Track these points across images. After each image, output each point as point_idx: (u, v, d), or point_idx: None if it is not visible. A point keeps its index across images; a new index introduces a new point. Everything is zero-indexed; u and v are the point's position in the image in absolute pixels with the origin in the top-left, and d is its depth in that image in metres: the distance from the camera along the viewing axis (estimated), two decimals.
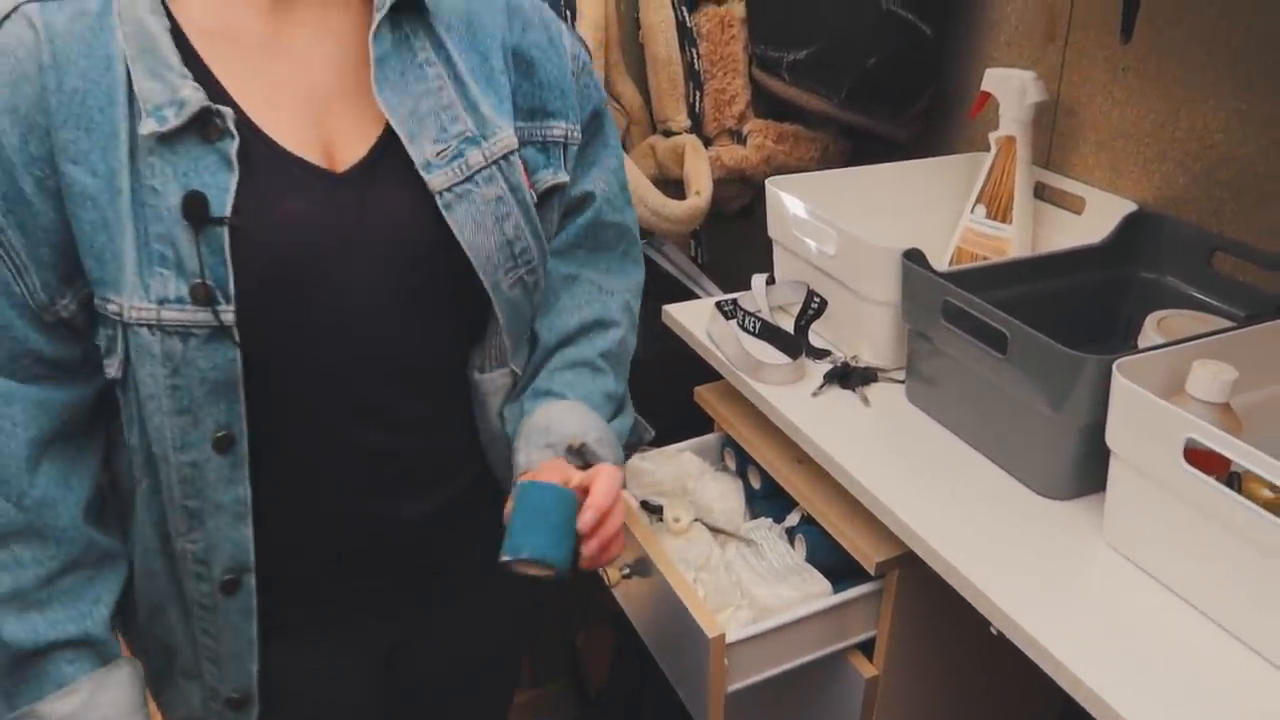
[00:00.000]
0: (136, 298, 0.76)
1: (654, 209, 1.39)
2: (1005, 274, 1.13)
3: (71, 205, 0.76)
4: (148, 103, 0.74)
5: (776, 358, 1.20)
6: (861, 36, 1.38)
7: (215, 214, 0.75)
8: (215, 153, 0.76)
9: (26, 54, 0.74)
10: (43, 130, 0.75)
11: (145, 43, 0.75)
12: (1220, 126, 1.12)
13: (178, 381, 0.78)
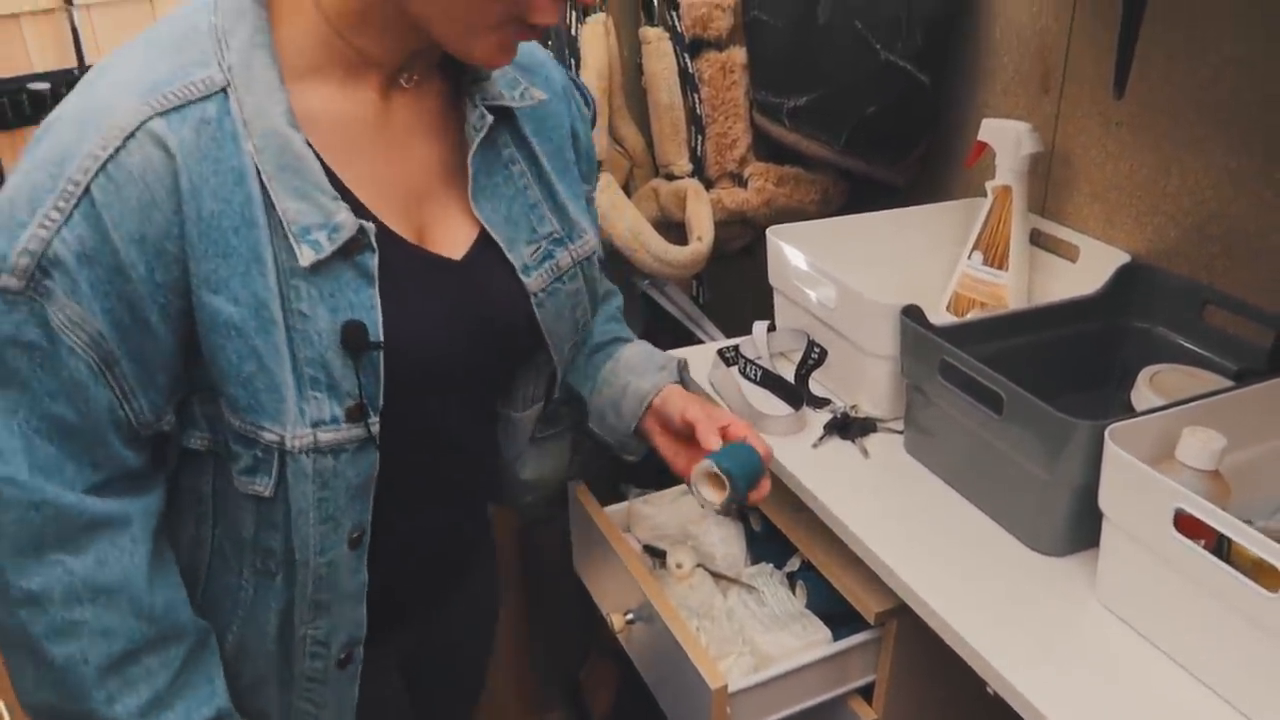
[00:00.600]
0: (298, 426, 0.75)
1: (657, 255, 1.42)
2: (1002, 326, 1.15)
3: (214, 336, 0.73)
4: (294, 225, 0.73)
5: (778, 408, 1.22)
6: (861, 85, 1.41)
7: (374, 340, 0.76)
8: (354, 268, 0.76)
9: (157, 180, 0.70)
10: (172, 257, 0.71)
11: (286, 159, 0.73)
12: (1211, 183, 1.14)
13: (325, 494, 0.79)
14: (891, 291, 1.35)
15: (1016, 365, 1.10)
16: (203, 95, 0.71)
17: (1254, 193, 1.10)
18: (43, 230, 0.68)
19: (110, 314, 0.71)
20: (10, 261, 0.68)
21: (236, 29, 0.73)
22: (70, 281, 0.69)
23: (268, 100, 0.73)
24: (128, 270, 0.70)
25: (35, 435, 0.72)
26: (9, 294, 0.69)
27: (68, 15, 1.53)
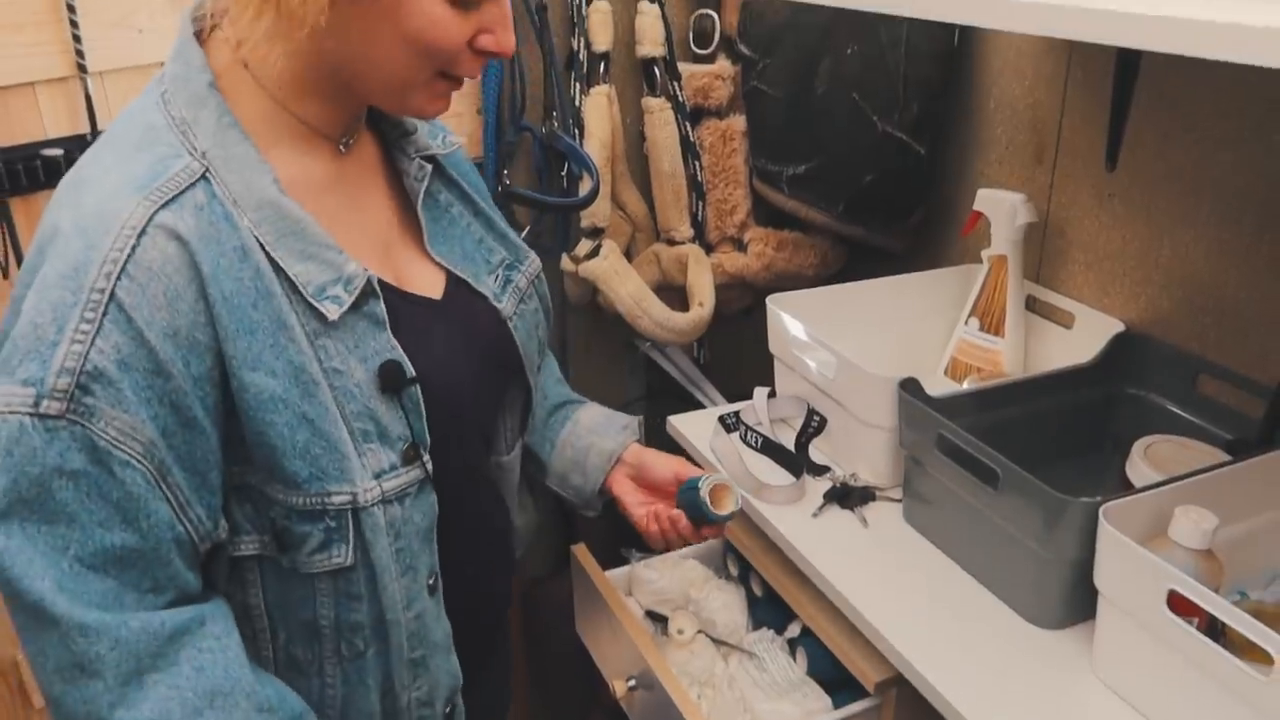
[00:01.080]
0: (365, 480, 0.76)
1: (659, 321, 1.44)
2: (999, 396, 1.17)
3: (261, 414, 0.73)
4: (309, 286, 0.75)
5: (778, 477, 1.23)
6: (858, 154, 1.44)
7: (409, 375, 0.79)
8: (366, 317, 0.78)
9: (176, 270, 0.70)
10: (204, 347, 0.71)
11: (285, 225, 0.75)
12: (1202, 255, 1.17)
13: (401, 544, 0.80)
14: (890, 357, 1.37)
15: (1014, 434, 1.12)
16: (189, 184, 0.72)
17: (1244, 266, 1.12)
18: (76, 345, 0.67)
19: (156, 419, 0.70)
20: (49, 385, 0.66)
21: (200, 117, 0.74)
22: (114, 391, 0.68)
23: (253, 174, 0.74)
24: (168, 368, 0.70)
25: (89, 571, 0.69)
26: (49, 420, 0.66)
27: (81, 83, 1.56)
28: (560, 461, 1.09)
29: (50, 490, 0.67)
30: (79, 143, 1.57)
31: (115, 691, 0.69)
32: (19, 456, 0.66)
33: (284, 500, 0.76)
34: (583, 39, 1.47)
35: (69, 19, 1.52)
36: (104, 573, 0.69)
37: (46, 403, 0.66)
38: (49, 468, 0.67)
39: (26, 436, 0.66)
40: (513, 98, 1.48)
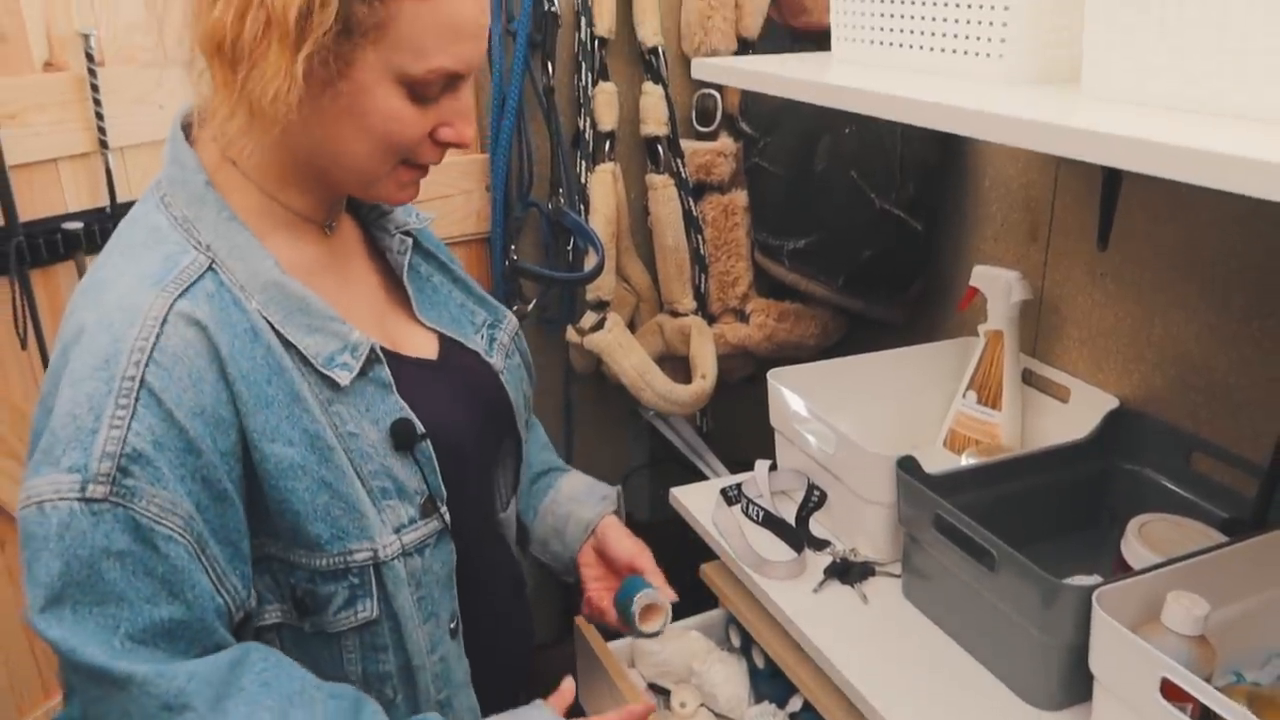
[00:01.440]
0: (385, 535, 0.81)
1: (662, 394, 1.46)
2: (997, 472, 1.19)
3: (283, 482, 0.77)
4: (319, 357, 0.80)
5: (779, 551, 1.25)
6: (857, 230, 1.48)
7: (420, 432, 0.83)
8: (373, 382, 0.83)
9: (198, 353, 0.74)
10: (228, 423, 0.75)
11: (292, 303, 0.80)
12: (1193, 335, 1.19)
13: (422, 593, 0.85)
14: (890, 429, 1.39)
15: (1012, 510, 1.14)
16: (198, 275, 0.77)
17: (1234, 348, 1.15)
18: (115, 430, 0.70)
19: (191, 495, 0.73)
20: (92, 470, 0.70)
21: (201, 214, 0.80)
22: (152, 470, 0.71)
23: (256, 260, 0.79)
24: (198, 445, 0.73)
25: (140, 646, 0.72)
26: (95, 504, 0.70)
27: (103, 158, 1.61)
28: (542, 528, 1.12)
29: (99, 571, 0.70)
30: (98, 216, 1.62)
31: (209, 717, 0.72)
32: (69, 541, 0.70)
33: (307, 564, 0.80)
34: (588, 118, 1.52)
35: (93, 98, 1.57)
36: (154, 646, 0.72)
37: (91, 487, 0.70)
38: (97, 549, 0.70)
39: (75, 521, 0.70)
40: (520, 175, 1.52)
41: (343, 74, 0.75)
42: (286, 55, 0.72)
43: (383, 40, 0.75)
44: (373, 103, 0.77)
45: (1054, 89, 0.88)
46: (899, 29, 1.01)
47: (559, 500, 1.11)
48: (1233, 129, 0.66)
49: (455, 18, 0.77)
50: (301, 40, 0.71)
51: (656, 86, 1.53)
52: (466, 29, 0.78)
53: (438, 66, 0.77)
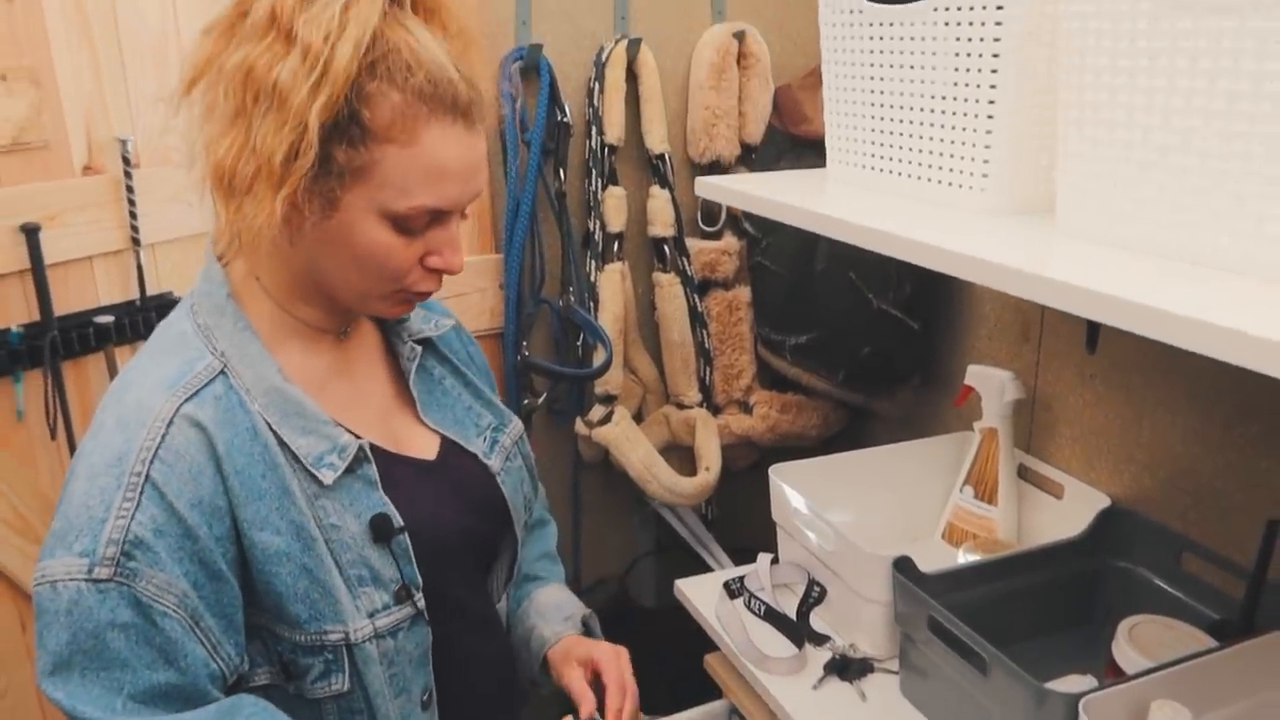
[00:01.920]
0: (357, 620, 0.88)
1: (667, 486, 1.51)
2: (992, 571, 1.23)
3: (269, 567, 0.85)
4: (309, 456, 0.87)
5: (780, 646, 1.28)
6: (856, 328, 1.53)
7: (397, 525, 0.90)
8: (360, 479, 0.90)
9: (198, 451, 0.83)
10: (223, 511, 0.83)
11: (289, 407, 0.88)
12: (1179, 440, 1.24)
13: (394, 671, 0.91)
14: (890, 522, 1.43)
15: (1007, 607, 1.18)
16: (209, 379, 0.86)
17: (1218, 453, 1.19)
18: (120, 520, 0.80)
19: (188, 575, 0.82)
20: (99, 554, 0.79)
21: (220, 323, 0.89)
22: (152, 555, 0.80)
23: (262, 367, 0.89)
24: (195, 531, 0.82)
25: (141, 706, 0.80)
26: (101, 583, 0.79)
27: (134, 254, 1.68)
28: (514, 635, 1.15)
29: (105, 641, 0.79)
30: (128, 309, 1.69)
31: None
32: (77, 615, 0.79)
33: (289, 637, 0.88)
34: (598, 220, 1.59)
35: (128, 199, 1.65)
36: (154, 705, 0.81)
37: (98, 569, 0.79)
38: (102, 622, 0.79)
39: (83, 599, 0.79)
40: (533, 273, 1.59)
41: (330, 209, 0.83)
42: (270, 192, 0.80)
43: (367, 181, 0.83)
44: (360, 235, 0.85)
45: (1033, 222, 0.93)
46: (888, 157, 1.07)
47: (529, 612, 1.14)
48: (1196, 280, 0.72)
49: (438, 161, 0.84)
50: (284, 180, 0.79)
51: (663, 191, 1.61)
52: (449, 171, 0.85)
53: (420, 205, 0.84)
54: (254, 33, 0.79)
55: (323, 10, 0.78)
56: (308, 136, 0.77)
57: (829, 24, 1.12)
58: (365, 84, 0.80)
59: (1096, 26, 0.78)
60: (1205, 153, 0.72)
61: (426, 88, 0.82)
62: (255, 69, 0.78)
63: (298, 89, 0.77)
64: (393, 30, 0.81)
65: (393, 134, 0.81)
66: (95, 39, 1.59)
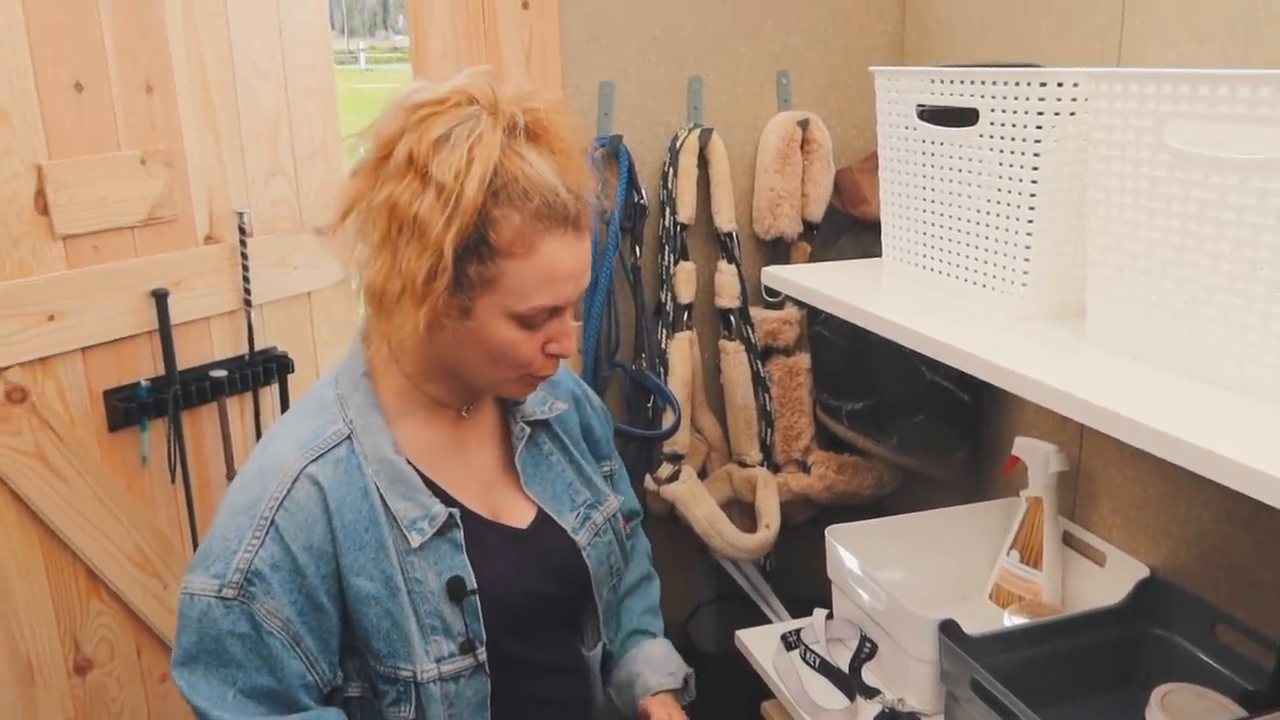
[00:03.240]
0: (425, 663, 1.02)
1: (730, 541, 1.62)
2: (1034, 635, 1.31)
3: (360, 606, 1.00)
4: (404, 519, 1.03)
5: (832, 698, 1.38)
6: (909, 398, 1.63)
7: (470, 588, 1.04)
8: (449, 542, 1.05)
9: (315, 504, 0.99)
10: (329, 556, 0.99)
11: (395, 475, 1.03)
12: (1212, 518, 1.31)
13: (452, 711, 1.04)
14: (940, 582, 1.52)
15: (1049, 669, 1.26)
16: (335, 443, 1.02)
17: (1249, 534, 1.27)
18: (247, 554, 0.98)
19: (295, 604, 0.99)
20: (228, 579, 0.97)
21: (353, 396, 1.05)
22: (267, 585, 0.98)
23: (379, 439, 1.04)
24: (304, 570, 0.99)
25: (246, 699, 0.98)
26: (227, 601, 0.97)
27: (246, 314, 1.85)
28: (618, 676, 1.28)
29: (224, 645, 0.97)
30: (239, 363, 1.85)
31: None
32: (206, 623, 0.98)
33: (373, 665, 1.03)
34: (669, 292, 1.71)
35: (242, 264, 1.82)
36: (256, 701, 0.98)
37: (225, 590, 0.97)
38: (224, 631, 0.97)
39: (211, 610, 0.97)
40: (609, 339, 1.72)
41: (465, 315, 0.98)
42: (414, 309, 0.95)
43: (495, 290, 0.97)
44: (490, 333, 1.00)
45: (1066, 329, 1.04)
46: (937, 258, 1.18)
47: (637, 659, 1.27)
48: (1216, 404, 0.81)
49: (553, 267, 0.98)
50: (425, 298, 0.94)
51: (730, 265, 1.73)
52: (562, 274, 0.99)
53: (539, 305, 0.99)
54: (395, 173, 0.94)
55: (451, 152, 0.92)
56: (444, 260, 0.92)
57: (885, 133, 1.24)
58: (490, 210, 0.94)
59: (1120, 170, 0.88)
60: (1213, 287, 0.82)
61: (541, 208, 0.95)
62: (398, 205, 0.93)
63: (434, 221, 0.92)
64: (510, 160, 0.95)
65: (514, 250, 0.95)
66: (219, 123, 1.77)
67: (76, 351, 1.60)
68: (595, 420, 1.28)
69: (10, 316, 1.49)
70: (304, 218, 1.95)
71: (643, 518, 1.42)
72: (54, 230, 1.54)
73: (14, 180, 1.48)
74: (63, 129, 1.54)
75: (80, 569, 1.64)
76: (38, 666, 1.60)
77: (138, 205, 1.65)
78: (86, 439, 1.63)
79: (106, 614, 1.69)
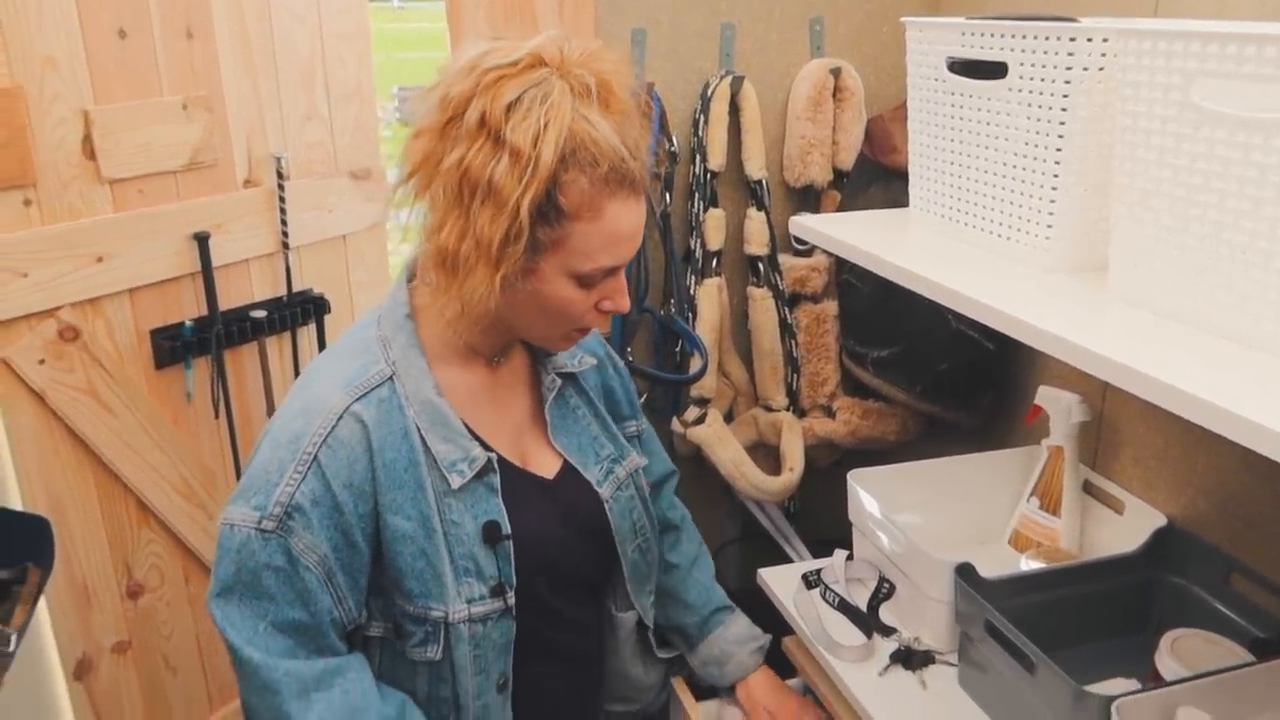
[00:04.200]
0: (456, 603, 1.06)
1: (754, 484, 1.66)
2: (1049, 580, 1.34)
3: (396, 545, 1.03)
4: (445, 460, 1.06)
5: (850, 635, 1.43)
6: (935, 346, 1.65)
7: (505, 533, 1.08)
8: (486, 486, 1.09)
9: (358, 442, 1.01)
10: (368, 494, 1.02)
11: (436, 417, 1.06)
12: (1233, 470, 1.33)
13: (478, 652, 1.09)
14: (960, 527, 1.55)
15: (1064, 613, 1.29)
16: (379, 383, 1.04)
17: (1269, 485, 1.29)
18: (289, 488, 1.00)
19: (331, 540, 1.02)
20: (269, 511, 1.00)
21: (396, 338, 1.07)
22: (306, 519, 1.00)
23: (421, 381, 1.06)
24: (342, 507, 1.01)
25: (277, 631, 1.01)
26: (266, 533, 1.00)
27: (284, 256, 1.90)
28: (706, 651, 1.37)
29: (260, 578, 1.00)
30: (277, 304, 1.91)
31: (292, 703, 1.00)
32: (244, 554, 1.00)
33: (401, 605, 1.06)
34: (699, 239, 1.73)
35: (280, 207, 1.86)
36: (286, 635, 1.01)
37: (265, 522, 0.99)
38: (261, 563, 1.00)
39: (250, 542, 1.00)
40: (638, 285, 1.74)
41: (529, 275, 1.01)
42: (489, 272, 0.97)
43: (560, 250, 1.00)
44: (551, 292, 1.02)
45: (1089, 281, 1.05)
46: (964, 210, 1.19)
47: (726, 637, 1.37)
48: (1234, 361, 0.83)
49: (617, 230, 1.00)
50: (501, 262, 0.96)
51: (760, 213, 1.74)
52: (624, 235, 1.02)
53: (601, 266, 1.02)
54: (467, 135, 0.95)
55: (525, 117, 0.93)
56: (519, 224, 0.94)
57: (915, 84, 1.24)
58: (561, 175, 0.95)
59: (1146, 126, 0.89)
60: (1234, 245, 0.83)
61: (610, 173, 0.98)
62: (471, 168, 0.94)
63: (510, 186, 0.93)
64: (579, 125, 0.96)
65: (582, 213, 0.98)
66: (257, 68, 1.80)
67: (124, 292, 1.66)
68: (616, 382, 1.32)
69: (62, 258, 1.55)
70: (339, 161, 1.98)
71: (678, 478, 1.47)
72: (101, 174, 1.58)
73: (62, 125, 1.52)
74: (107, 75, 1.58)
75: (131, 499, 1.72)
76: (93, 590, 1.68)
77: (180, 150, 1.69)
78: (135, 376, 1.69)
79: (156, 542, 1.78)
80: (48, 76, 1.49)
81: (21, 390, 1.54)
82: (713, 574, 1.43)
